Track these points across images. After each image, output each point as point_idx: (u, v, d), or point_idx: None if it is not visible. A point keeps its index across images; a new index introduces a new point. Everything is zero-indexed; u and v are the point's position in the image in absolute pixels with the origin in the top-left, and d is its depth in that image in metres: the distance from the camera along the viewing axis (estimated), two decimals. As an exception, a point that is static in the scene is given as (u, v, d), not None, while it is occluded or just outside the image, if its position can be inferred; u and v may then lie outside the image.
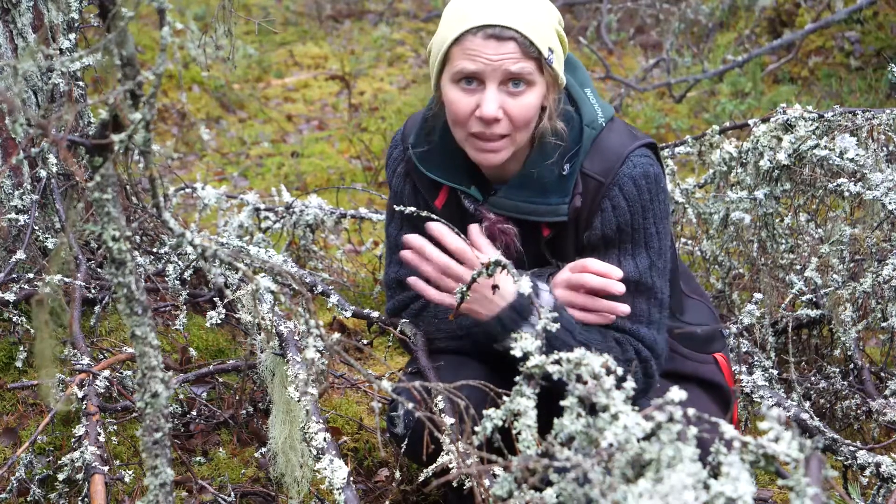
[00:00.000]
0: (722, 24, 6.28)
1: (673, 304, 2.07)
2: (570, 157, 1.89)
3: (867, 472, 2.11)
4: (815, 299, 2.76)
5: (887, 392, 2.54)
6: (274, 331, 1.91)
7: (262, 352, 2.00)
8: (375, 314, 2.23)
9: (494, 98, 1.81)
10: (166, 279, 2.66)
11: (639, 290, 1.92)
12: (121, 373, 2.32)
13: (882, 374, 2.75)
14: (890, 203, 2.33)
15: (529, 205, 1.92)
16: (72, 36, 2.56)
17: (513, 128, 1.84)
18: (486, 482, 1.39)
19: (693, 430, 1.05)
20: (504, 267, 1.68)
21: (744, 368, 2.49)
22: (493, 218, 1.96)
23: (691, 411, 1.07)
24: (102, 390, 2.16)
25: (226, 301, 2.23)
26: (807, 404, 2.54)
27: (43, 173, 2.60)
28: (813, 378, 2.70)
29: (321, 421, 1.63)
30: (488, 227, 1.95)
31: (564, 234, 1.96)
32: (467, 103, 1.83)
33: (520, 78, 1.81)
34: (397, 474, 1.91)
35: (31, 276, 2.48)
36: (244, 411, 2.49)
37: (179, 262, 2.63)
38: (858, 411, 2.63)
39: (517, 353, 1.34)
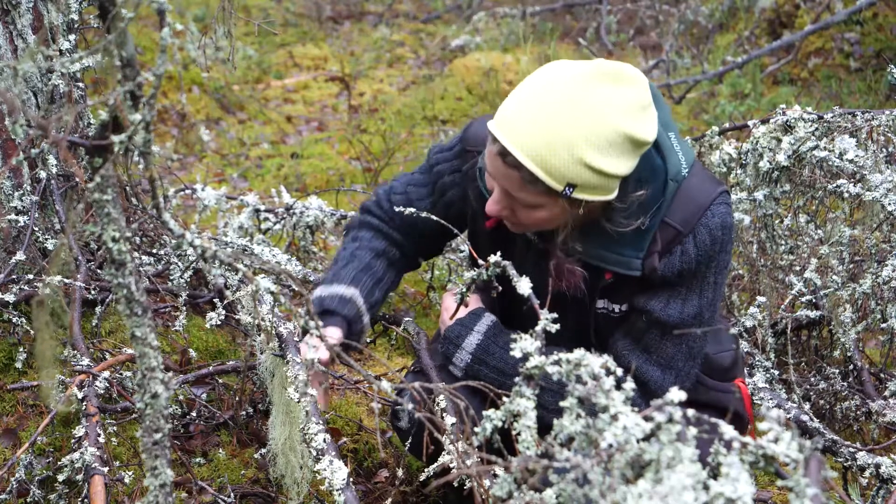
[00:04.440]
0: (721, 26, 6.28)
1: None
2: (653, 213, 1.77)
3: (867, 473, 2.12)
4: (814, 300, 2.76)
5: (887, 393, 2.54)
6: (274, 332, 1.91)
7: (261, 353, 2.00)
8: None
9: (496, 200, 1.74)
10: (169, 280, 2.66)
11: (672, 334, 1.84)
12: (121, 374, 2.32)
13: (881, 375, 2.75)
14: (889, 204, 2.33)
15: (599, 250, 1.81)
16: (71, 37, 2.56)
17: (525, 226, 1.78)
18: (486, 482, 1.39)
19: (693, 431, 1.05)
20: (504, 268, 1.68)
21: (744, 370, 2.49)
22: (564, 257, 1.84)
23: (691, 412, 1.07)
24: (102, 391, 2.16)
25: (226, 302, 2.22)
26: (806, 405, 2.54)
27: (43, 174, 2.60)
28: (813, 379, 2.71)
29: (321, 422, 1.63)
30: (556, 264, 1.86)
31: (626, 282, 1.85)
32: (490, 186, 1.78)
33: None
34: (399, 472, 1.91)
35: (31, 277, 2.48)
36: (244, 412, 2.49)
37: (179, 264, 2.63)
38: (858, 412, 2.63)
39: (517, 353, 1.34)
